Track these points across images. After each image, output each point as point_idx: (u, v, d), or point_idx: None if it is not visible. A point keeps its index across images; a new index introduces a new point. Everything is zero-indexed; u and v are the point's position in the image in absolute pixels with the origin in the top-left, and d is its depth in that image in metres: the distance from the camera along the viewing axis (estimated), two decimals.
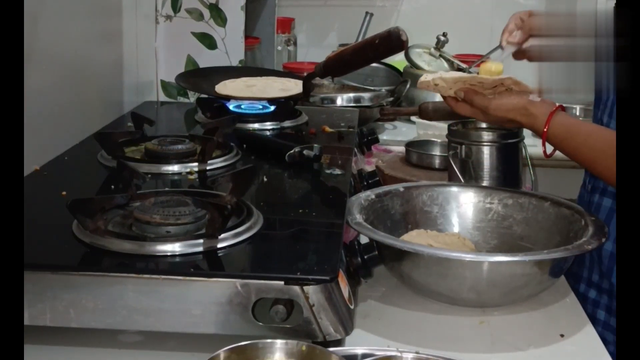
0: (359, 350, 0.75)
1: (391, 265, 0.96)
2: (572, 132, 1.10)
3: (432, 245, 1.01)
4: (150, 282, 0.78)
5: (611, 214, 1.15)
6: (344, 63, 1.37)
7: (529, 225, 1.07)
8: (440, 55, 2.15)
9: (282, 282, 0.77)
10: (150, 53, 1.79)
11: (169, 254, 0.82)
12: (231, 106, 1.49)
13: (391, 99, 1.93)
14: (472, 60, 2.12)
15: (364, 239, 0.94)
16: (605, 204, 1.17)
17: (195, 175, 1.11)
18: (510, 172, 1.31)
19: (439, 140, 1.54)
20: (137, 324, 0.79)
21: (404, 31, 1.26)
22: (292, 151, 1.18)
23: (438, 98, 1.98)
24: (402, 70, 2.16)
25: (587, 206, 1.16)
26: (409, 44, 2.01)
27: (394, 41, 1.27)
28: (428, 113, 1.67)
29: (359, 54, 1.34)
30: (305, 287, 0.77)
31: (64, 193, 1.01)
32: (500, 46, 1.28)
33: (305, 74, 1.52)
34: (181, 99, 1.84)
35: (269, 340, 0.71)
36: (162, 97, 1.82)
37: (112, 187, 1.04)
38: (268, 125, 1.42)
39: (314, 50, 2.51)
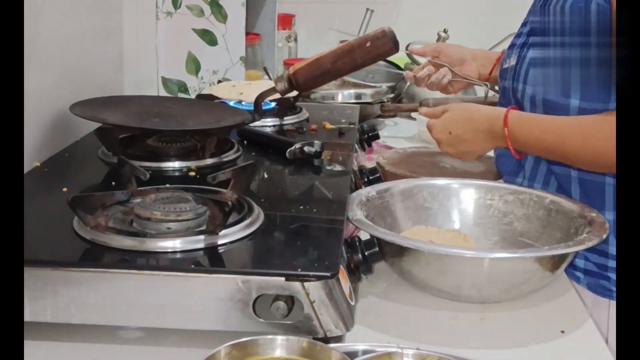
0: (360, 347, 0.75)
1: (392, 262, 0.96)
2: (530, 121, 1.14)
3: (433, 241, 1.01)
4: (151, 278, 0.78)
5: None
6: (322, 74, 1.16)
7: (529, 221, 1.07)
8: None
9: (283, 279, 0.77)
10: (151, 49, 1.78)
11: (169, 250, 0.82)
12: (231, 103, 1.49)
13: (392, 95, 1.93)
14: None
15: (364, 235, 0.94)
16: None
17: (195, 172, 1.11)
18: None
19: None
20: (137, 320, 0.79)
21: (390, 33, 1.14)
22: (292, 147, 1.18)
23: (438, 95, 1.98)
24: (402, 66, 2.16)
25: None
26: (410, 41, 2.02)
27: (382, 47, 1.14)
28: None
29: (345, 61, 1.15)
30: (306, 284, 0.77)
31: (64, 189, 1.01)
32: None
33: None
34: (182, 96, 1.84)
35: (269, 337, 0.71)
36: (163, 94, 1.82)
37: (113, 183, 1.04)
38: (269, 121, 1.42)
39: (314, 46, 2.51)
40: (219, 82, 1.71)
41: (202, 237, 0.83)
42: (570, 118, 1.10)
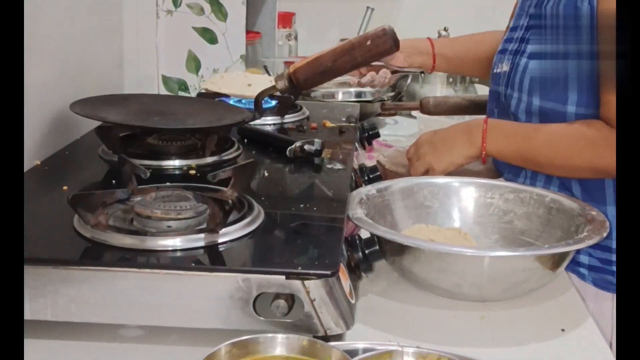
0: (360, 345, 0.76)
1: (392, 260, 0.96)
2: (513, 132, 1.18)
3: (433, 240, 1.01)
4: (152, 276, 0.78)
5: None
6: (322, 73, 1.15)
7: (530, 219, 1.07)
8: None
9: (283, 277, 0.77)
10: (151, 48, 1.78)
11: (170, 248, 0.82)
12: (231, 101, 1.49)
13: (392, 93, 1.93)
14: None
15: (365, 234, 0.94)
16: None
17: (196, 170, 1.11)
18: None
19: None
20: (138, 319, 0.79)
21: (391, 31, 1.14)
22: (293, 146, 1.18)
23: (439, 93, 1.98)
24: None
25: None
26: (410, 39, 2.01)
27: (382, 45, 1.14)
28: (429, 108, 1.68)
29: (345, 60, 1.15)
30: (306, 282, 0.77)
31: (65, 188, 1.01)
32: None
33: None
34: (182, 94, 1.84)
35: (270, 335, 0.71)
36: (163, 92, 1.82)
37: (113, 181, 1.04)
38: (269, 120, 1.42)
39: (314, 45, 2.51)
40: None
41: (202, 235, 0.83)
42: (542, 126, 1.14)
